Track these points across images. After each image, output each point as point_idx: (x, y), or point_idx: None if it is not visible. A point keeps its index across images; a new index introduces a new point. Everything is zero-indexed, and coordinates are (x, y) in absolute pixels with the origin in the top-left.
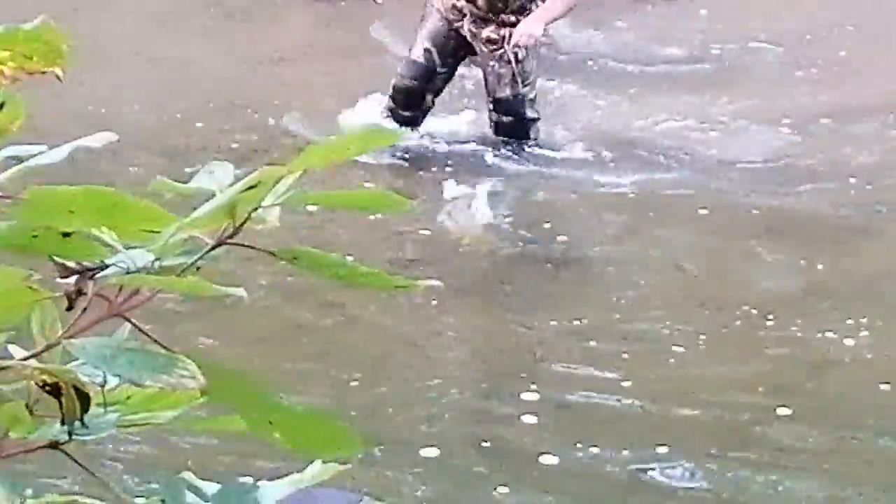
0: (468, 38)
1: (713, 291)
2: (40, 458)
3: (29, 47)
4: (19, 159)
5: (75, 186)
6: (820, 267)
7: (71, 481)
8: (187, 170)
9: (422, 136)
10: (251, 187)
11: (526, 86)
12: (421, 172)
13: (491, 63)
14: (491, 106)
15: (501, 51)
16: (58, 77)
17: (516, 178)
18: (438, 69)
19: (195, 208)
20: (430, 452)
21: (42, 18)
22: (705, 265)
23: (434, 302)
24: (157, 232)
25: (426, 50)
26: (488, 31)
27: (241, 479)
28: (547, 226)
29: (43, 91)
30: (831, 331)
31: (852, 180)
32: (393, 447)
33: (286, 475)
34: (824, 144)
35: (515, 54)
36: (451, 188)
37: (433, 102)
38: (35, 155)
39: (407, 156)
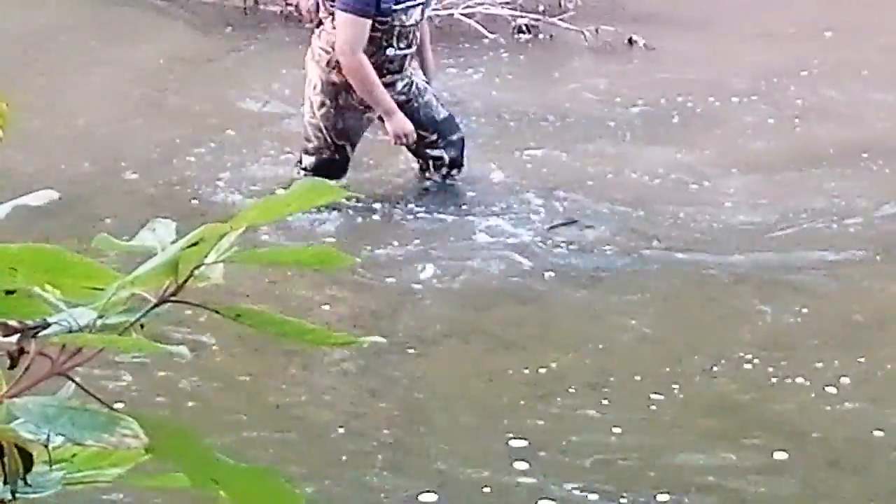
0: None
1: (685, 340)
2: None
3: None
4: None
5: (18, 244)
6: (797, 315)
7: None
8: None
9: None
10: (193, 244)
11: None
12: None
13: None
14: (434, 136)
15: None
16: None
17: (479, 227)
18: (350, 155)
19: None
20: (430, 497)
21: None
22: (676, 314)
23: (411, 350)
24: (101, 289)
25: (341, 147)
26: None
27: None
28: (513, 274)
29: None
30: (808, 378)
31: (826, 226)
32: (392, 494)
33: None
34: (792, 191)
35: (427, 81)
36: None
37: None
38: None
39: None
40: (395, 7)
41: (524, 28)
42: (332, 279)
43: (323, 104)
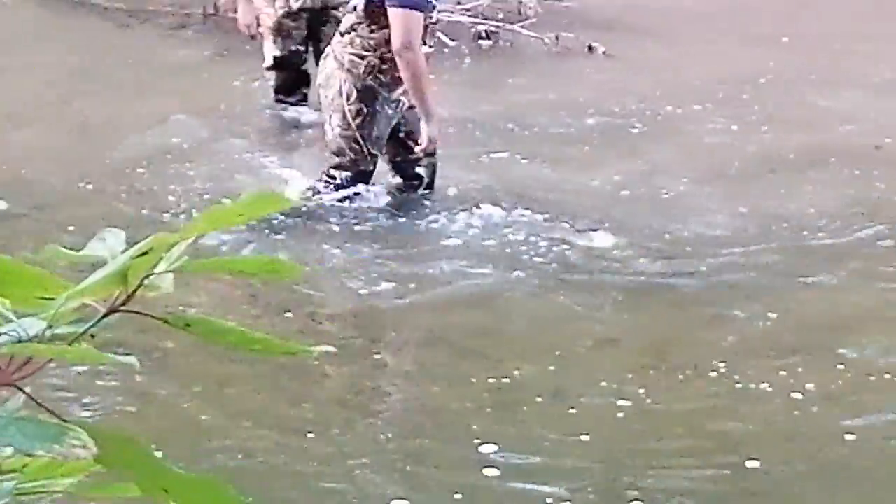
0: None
1: (652, 347)
2: None
3: None
4: None
5: None
6: (764, 321)
7: None
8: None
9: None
10: (143, 254)
11: None
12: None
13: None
14: (421, 154)
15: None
16: None
17: (442, 234)
18: (376, 166)
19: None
20: None
21: None
22: (643, 321)
23: (376, 356)
24: (51, 299)
25: (374, 157)
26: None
27: None
28: (475, 281)
29: None
30: (773, 385)
31: (793, 232)
32: (362, 500)
33: None
34: (759, 198)
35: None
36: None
37: None
38: None
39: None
40: (434, 3)
41: (485, 34)
42: (293, 288)
43: (359, 112)
